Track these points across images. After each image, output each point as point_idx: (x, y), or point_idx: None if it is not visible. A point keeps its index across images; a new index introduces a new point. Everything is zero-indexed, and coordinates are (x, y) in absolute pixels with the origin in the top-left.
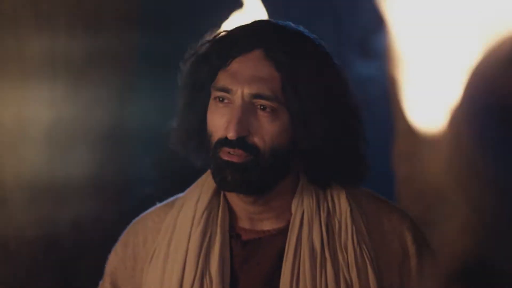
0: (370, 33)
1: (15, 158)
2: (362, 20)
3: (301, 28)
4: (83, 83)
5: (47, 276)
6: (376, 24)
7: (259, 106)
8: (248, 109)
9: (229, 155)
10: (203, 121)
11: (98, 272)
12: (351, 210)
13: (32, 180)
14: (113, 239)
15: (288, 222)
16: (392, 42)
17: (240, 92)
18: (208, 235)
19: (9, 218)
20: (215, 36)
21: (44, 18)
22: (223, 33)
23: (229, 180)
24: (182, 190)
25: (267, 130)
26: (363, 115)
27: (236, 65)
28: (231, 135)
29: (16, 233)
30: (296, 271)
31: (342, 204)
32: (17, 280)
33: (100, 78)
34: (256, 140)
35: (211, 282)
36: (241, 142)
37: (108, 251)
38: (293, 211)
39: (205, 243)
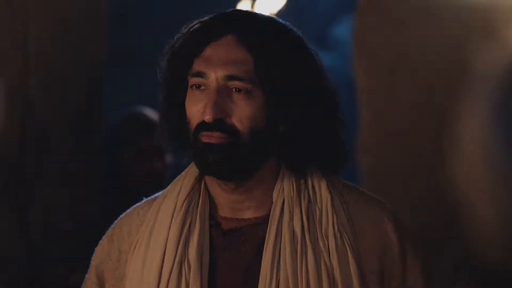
0: (329, 24)
1: None
2: (321, 11)
3: (274, 16)
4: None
5: (17, 264)
6: (335, 15)
7: (234, 89)
8: (224, 92)
9: (208, 137)
10: (184, 115)
11: (67, 260)
12: (331, 199)
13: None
14: (83, 230)
15: (269, 211)
16: (356, 32)
17: (214, 75)
18: (188, 223)
19: None
20: (189, 28)
21: None
22: (197, 24)
23: (210, 161)
24: None
25: (244, 112)
26: (339, 98)
27: (209, 51)
28: (208, 117)
29: None
30: (276, 258)
31: (323, 192)
32: None
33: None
34: (234, 121)
35: (189, 268)
36: (219, 124)
37: (78, 239)
38: (274, 199)
39: (185, 231)
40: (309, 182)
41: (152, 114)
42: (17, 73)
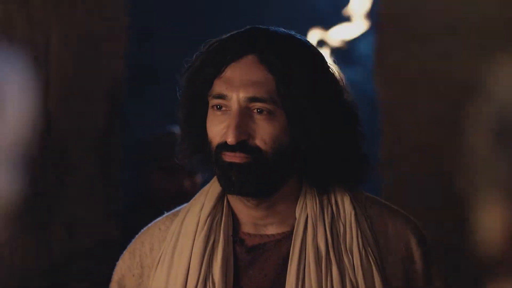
0: (353, 38)
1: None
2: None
3: (292, 32)
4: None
5: (38, 281)
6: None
7: (255, 110)
8: (245, 114)
9: (231, 157)
10: (205, 133)
11: (88, 277)
12: (355, 214)
13: (26, 186)
14: (105, 244)
15: (292, 227)
16: (377, 47)
17: (236, 97)
18: (211, 240)
19: (2, 224)
20: (208, 47)
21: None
22: (216, 43)
23: (233, 181)
24: None
25: (266, 132)
26: (359, 114)
27: (230, 72)
28: (230, 140)
29: (9, 239)
30: (301, 275)
31: (346, 207)
32: (8, 286)
33: (92, 81)
34: (258, 142)
35: (213, 286)
36: (242, 146)
37: (98, 256)
38: (297, 215)
39: (208, 248)
40: (332, 197)
41: None
42: (38, 89)
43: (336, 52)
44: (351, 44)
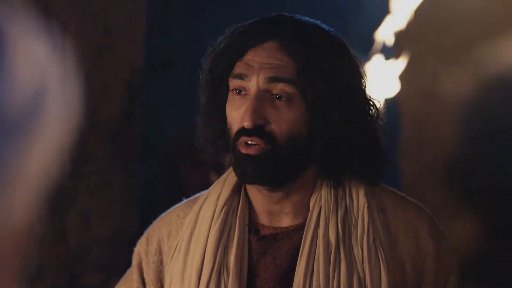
0: (375, 30)
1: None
2: (367, 18)
3: (318, 21)
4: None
5: (54, 271)
6: (381, 21)
7: (275, 96)
8: (264, 98)
9: (246, 148)
10: (225, 120)
11: (105, 268)
12: (368, 206)
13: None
14: (122, 235)
15: (306, 219)
16: (398, 39)
17: (255, 79)
18: (227, 229)
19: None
20: (232, 31)
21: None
22: (240, 28)
23: (248, 172)
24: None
25: (284, 118)
26: (380, 108)
27: (251, 55)
28: (247, 123)
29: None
30: (310, 267)
31: (360, 200)
32: (24, 276)
33: (109, 71)
34: (274, 128)
35: (228, 275)
36: (258, 131)
37: (115, 246)
38: (310, 207)
39: (224, 237)
40: (347, 189)
41: None
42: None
43: (359, 44)
44: (374, 36)
